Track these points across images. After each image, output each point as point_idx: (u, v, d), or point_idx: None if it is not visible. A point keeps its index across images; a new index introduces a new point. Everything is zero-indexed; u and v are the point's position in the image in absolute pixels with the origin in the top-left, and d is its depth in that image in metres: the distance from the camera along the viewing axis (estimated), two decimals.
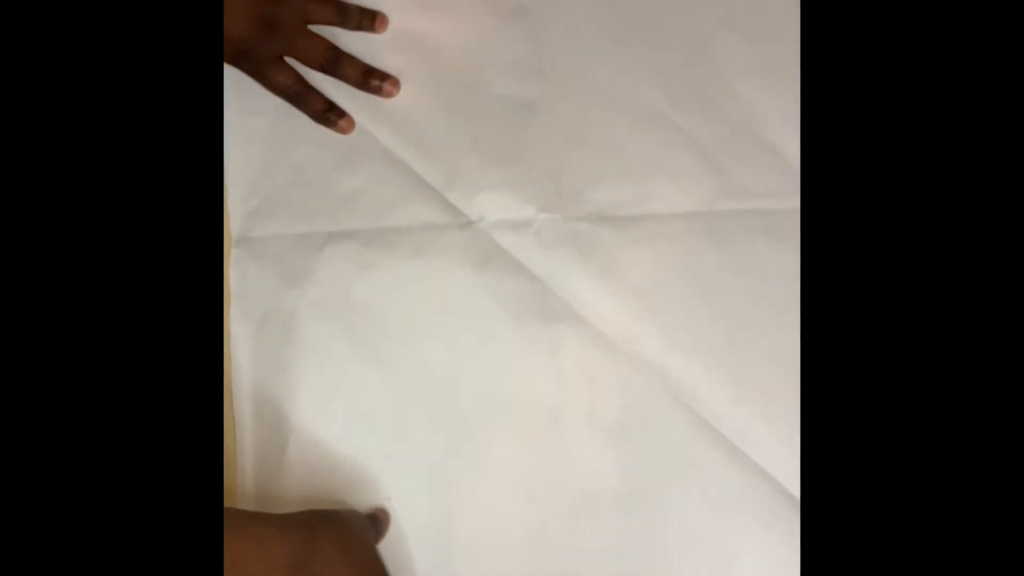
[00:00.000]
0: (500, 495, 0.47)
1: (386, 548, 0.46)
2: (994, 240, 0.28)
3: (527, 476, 0.47)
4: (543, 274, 0.48)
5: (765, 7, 0.49)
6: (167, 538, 0.28)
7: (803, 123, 0.31)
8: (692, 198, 0.48)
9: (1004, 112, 0.29)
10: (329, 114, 0.50)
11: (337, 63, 0.50)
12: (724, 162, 0.48)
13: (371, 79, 0.49)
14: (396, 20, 0.50)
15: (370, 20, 0.50)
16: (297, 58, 0.50)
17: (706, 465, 0.46)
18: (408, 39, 0.50)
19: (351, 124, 0.50)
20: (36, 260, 0.28)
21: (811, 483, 0.29)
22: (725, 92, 0.49)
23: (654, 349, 0.47)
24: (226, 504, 0.47)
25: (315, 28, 0.50)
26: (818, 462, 0.29)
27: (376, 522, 0.46)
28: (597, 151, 0.49)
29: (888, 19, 0.30)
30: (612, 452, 0.47)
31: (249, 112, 0.50)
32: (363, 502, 0.48)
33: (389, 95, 0.50)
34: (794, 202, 0.48)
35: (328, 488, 0.48)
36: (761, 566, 0.46)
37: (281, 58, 0.50)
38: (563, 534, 0.47)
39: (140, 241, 0.29)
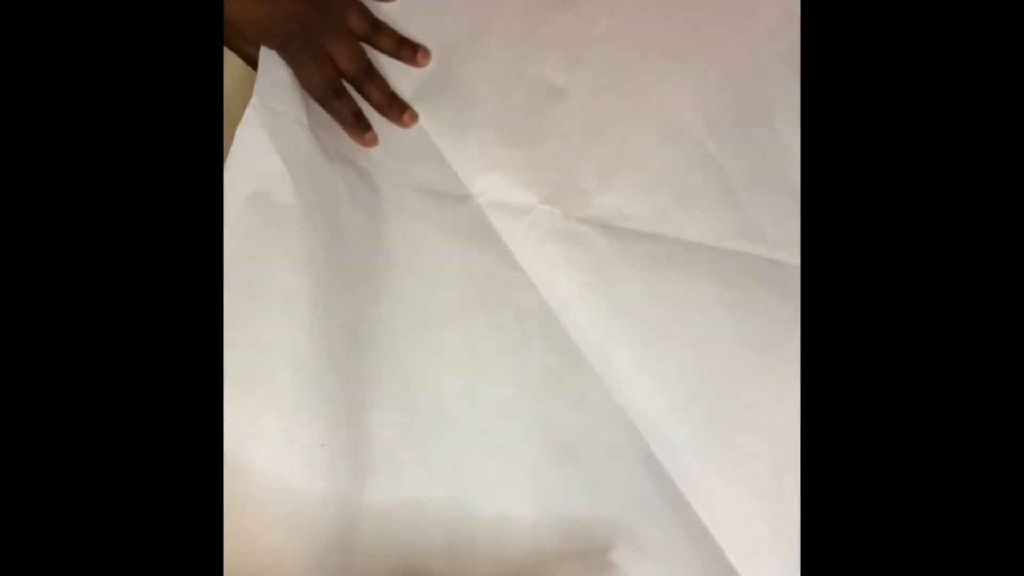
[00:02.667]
0: (426, 481, 0.43)
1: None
2: (999, 280, 0.27)
3: (455, 465, 0.43)
4: (528, 267, 0.46)
5: None
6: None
7: (803, 154, 0.30)
8: (703, 229, 0.45)
9: (1008, 133, 0.28)
10: (355, 124, 0.47)
11: (369, 75, 0.47)
12: (746, 201, 0.45)
13: (394, 104, 0.47)
14: None
15: (411, 51, 0.48)
16: (333, 59, 0.47)
17: (647, 508, 0.43)
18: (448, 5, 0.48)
19: (375, 139, 0.47)
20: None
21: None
22: (766, 129, 0.46)
23: (622, 372, 0.44)
24: None
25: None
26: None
27: None
28: (616, 156, 0.46)
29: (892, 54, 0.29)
30: (553, 467, 0.43)
31: None
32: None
33: (405, 126, 0.48)
34: None
35: None
36: None
37: (326, 51, 0.47)
38: (485, 542, 0.42)
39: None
